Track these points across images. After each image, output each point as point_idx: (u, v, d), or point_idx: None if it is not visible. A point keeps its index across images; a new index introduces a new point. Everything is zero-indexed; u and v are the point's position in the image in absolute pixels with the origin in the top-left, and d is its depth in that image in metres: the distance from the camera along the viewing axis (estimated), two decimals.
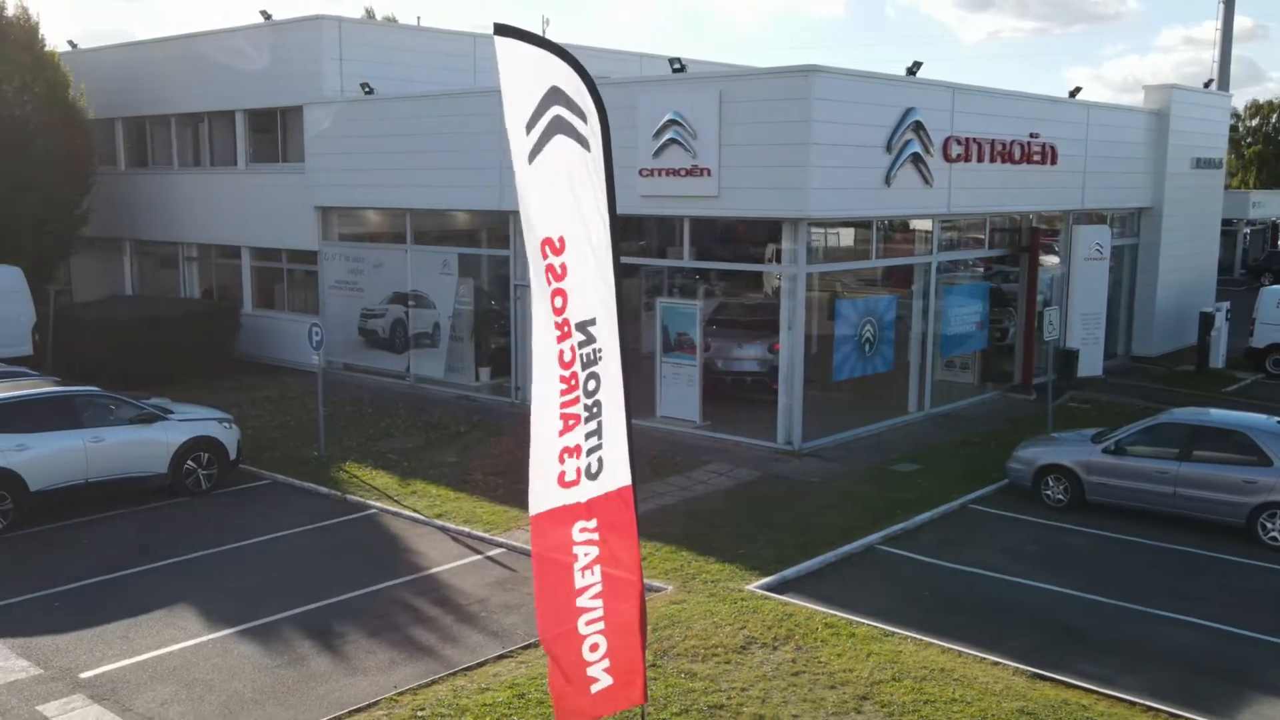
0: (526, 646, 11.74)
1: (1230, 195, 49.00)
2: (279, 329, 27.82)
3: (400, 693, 10.79)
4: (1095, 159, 25.88)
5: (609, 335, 7.76)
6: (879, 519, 15.83)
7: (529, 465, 8.17)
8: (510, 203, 19.86)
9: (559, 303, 7.61)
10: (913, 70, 20.36)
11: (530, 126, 7.35)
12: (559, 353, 7.63)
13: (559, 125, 7.33)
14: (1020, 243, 25.24)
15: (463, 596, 13.40)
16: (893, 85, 19.97)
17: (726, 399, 21.41)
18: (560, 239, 7.49)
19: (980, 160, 21.94)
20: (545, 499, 8.20)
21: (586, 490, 8.10)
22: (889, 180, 19.79)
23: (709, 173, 19.10)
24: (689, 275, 24.59)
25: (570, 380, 7.70)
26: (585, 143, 7.43)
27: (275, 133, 28.17)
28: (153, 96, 30.16)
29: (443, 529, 15.78)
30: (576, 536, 8.18)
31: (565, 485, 8.13)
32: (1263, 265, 51.62)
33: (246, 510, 16.74)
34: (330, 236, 26.89)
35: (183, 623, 12.58)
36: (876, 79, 19.72)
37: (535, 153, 7.40)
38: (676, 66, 19.87)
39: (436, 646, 12.01)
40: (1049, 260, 26.12)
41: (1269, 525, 14.99)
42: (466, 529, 15.64)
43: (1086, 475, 16.36)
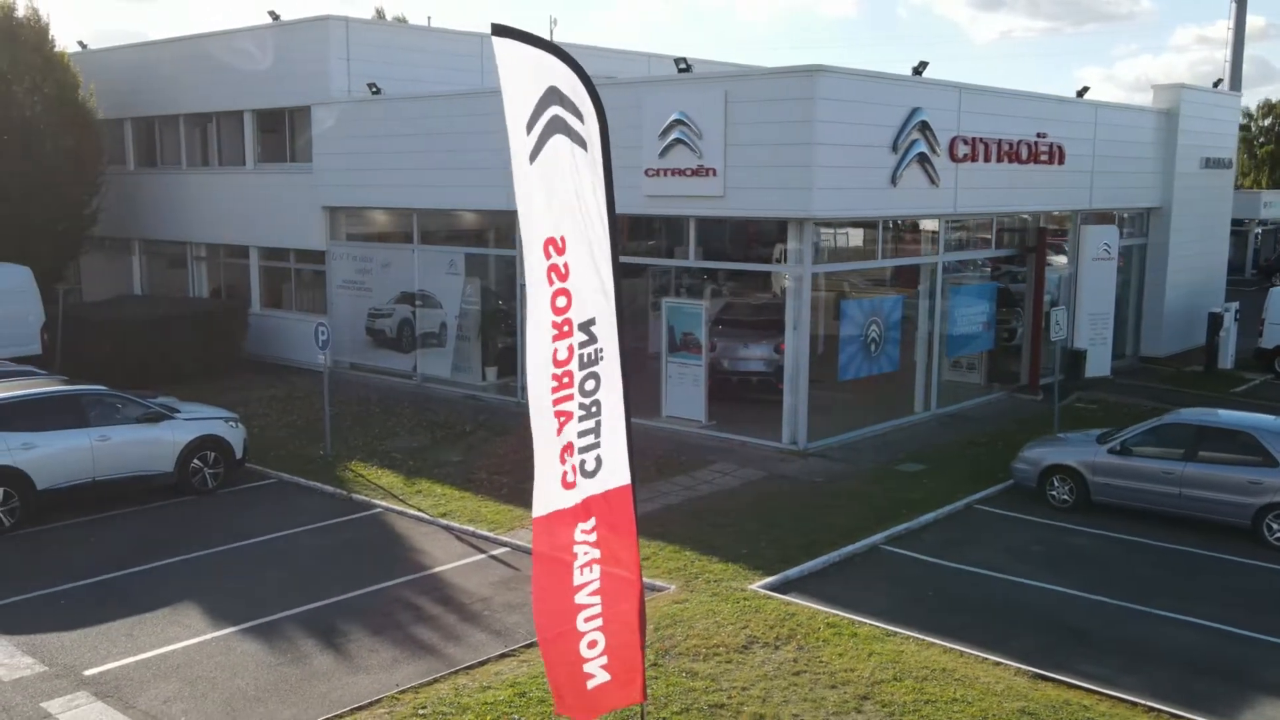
0: (529, 645, 11.76)
1: (1241, 195, 48.87)
2: (287, 329, 27.91)
3: (402, 691, 10.83)
4: (1103, 159, 25.81)
5: (609, 335, 7.78)
6: (883, 519, 15.82)
7: (535, 467, 8.22)
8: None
9: (562, 302, 7.63)
10: (919, 70, 20.35)
11: (530, 126, 7.38)
12: (553, 351, 7.65)
13: (557, 125, 7.36)
14: (1027, 243, 25.19)
15: (466, 595, 13.43)
16: (899, 85, 19.95)
17: (732, 399, 21.41)
18: (563, 239, 7.51)
19: (987, 160, 21.91)
20: (550, 501, 8.24)
21: (586, 489, 8.13)
22: (895, 180, 19.78)
23: (714, 173, 19.10)
24: (696, 275, 24.59)
25: (563, 379, 7.72)
26: (584, 143, 7.45)
27: (283, 133, 28.26)
28: (162, 97, 30.29)
29: (447, 528, 15.82)
30: (577, 536, 8.21)
31: (567, 486, 8.17)
32: (1274, 265, 51.44)
33: (252, 509, 16.80)
34: (338, 236, 26.97)
35: (187, 621, 12.64)
36: (882, 79, 19.71)
37: (536, 153, 7.42)
38: (682, 67, 19.89)
39: (439, 645, 12.04)
40: (1057, 260, 26.08)
41: (1274, 526, 14.94)
42: (471, 528, 15.68)
43: (1092, 476, 16.33)
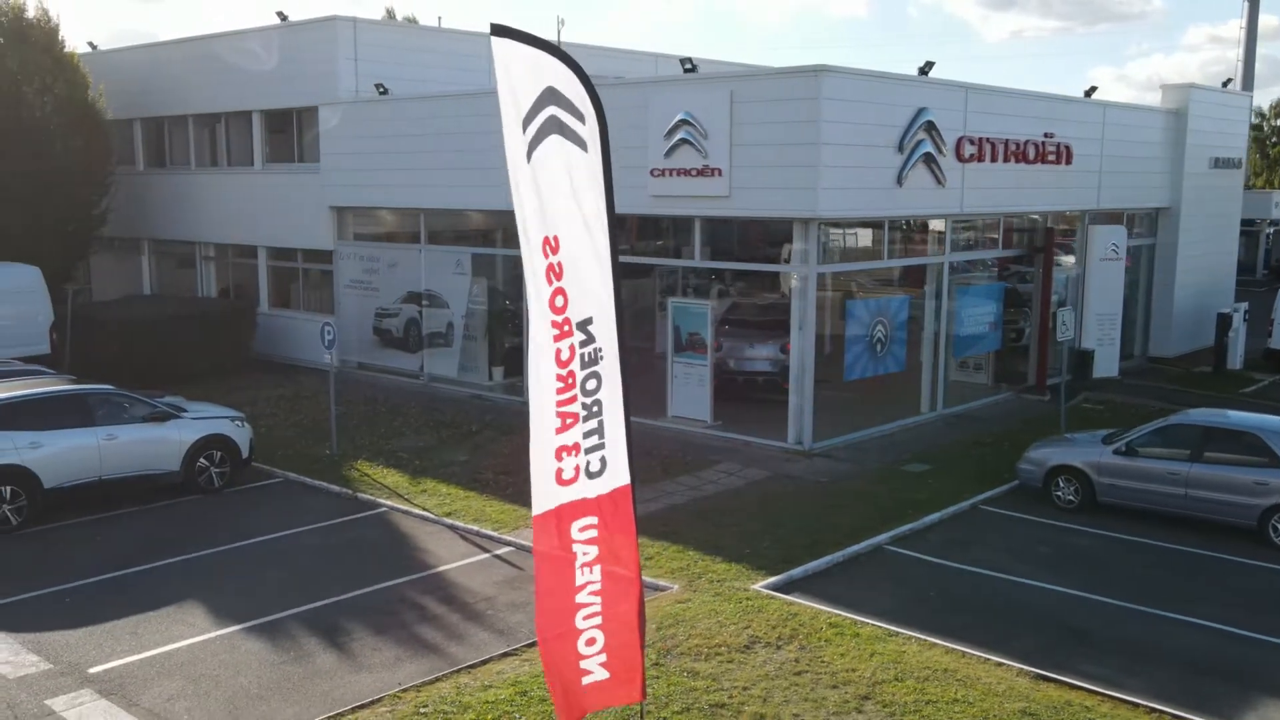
0: (531, 644, 11.76)
1: (1253, 195, 48.68)
2: (294, 328, 27.99)
3: (404, 689, 10.86)
4: (1111, 159, 25.74)
5: (609, 335, 7.78)
6: (888, 519, 15.80)
7: (530, 465, 8.23)
8: None
9: (559, 302, 7.64)
10: (925, 70, 20.32)
11: (526, 126, 7.39)
12: (555, 351, 7.67)
13: (554, 125, 7.37)
14: (1035, 243, 25.14)
15: (469, 595, 13.46)
16: (904, 85, 19.93)
17: (738, 399, 21.41)
18: (557, 238, 7.53)
19: (994, 160, 21.86)
20: (546, 498, 8.25)
21: (587, 489, 8.13)
22: (901, 180, 19.75)
23: (720, 173, 19.10)
24: (704, 275, 24.60)
25: (567, 379, 7.73)
26: (583, 144, 7.45)
27: (291, 133, 28.35)
28: (171, 97, 30.40)
29: (452, 527, 15.86)
30: (576, 535, 8.22)
31: (563, 483, 8.16)
32: None
33: (258, 508, 16.85)
34: (345, 236, 27.04)
35: (191, 619, 12.69)
36: (888, 79, 19.68)
37: (531, 152, 7.44)
38: (687, 67, 19.90)
39: (442, 644, 12.07)
40: (1066, 260, 26.02)
41: None
42: (475, 527, 15.71)
43: (1097, 476, 16.29)
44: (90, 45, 32.69)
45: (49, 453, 15.73)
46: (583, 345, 7.67)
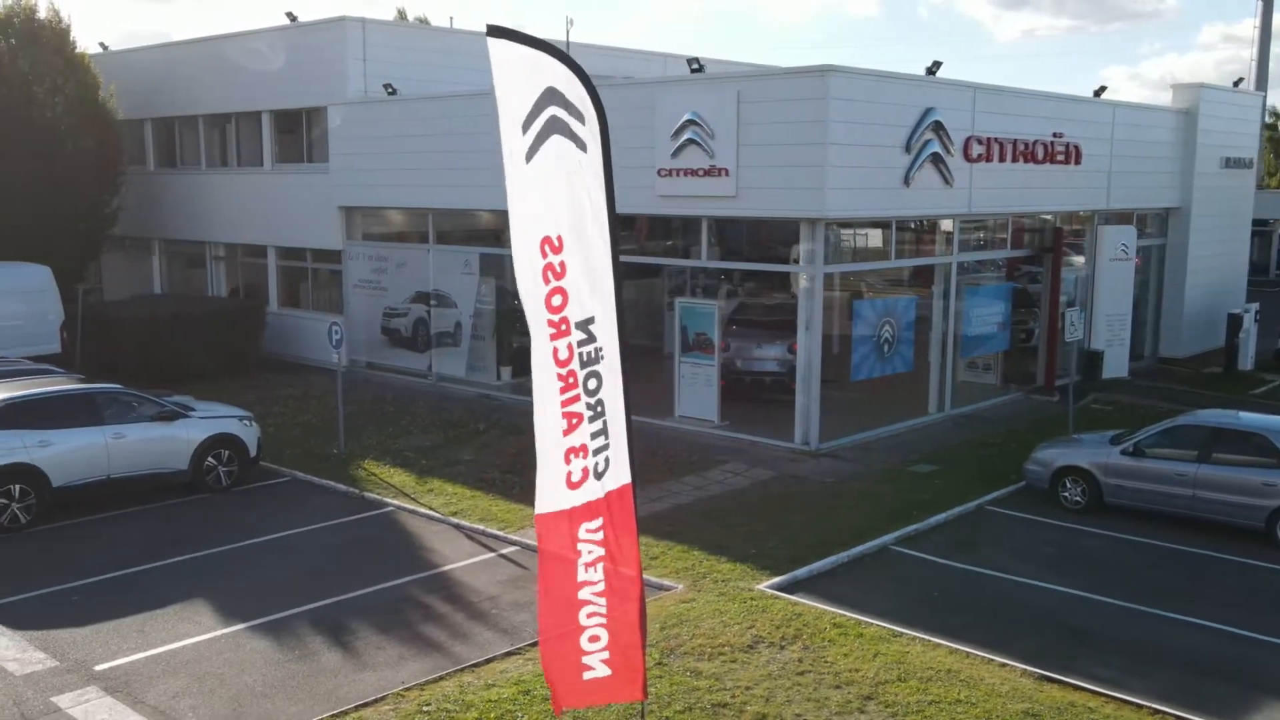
0: (535, 644, 11.73)
1: (1265, 195, 48.43)
2: (304, 328, 28.07)
3: (407, 688, 10.89)
4: (1121, 159, 25.66)
5: (609, 335, 7.81)
6: (893, 520, 15.79)
7: (536, 465, 8.26)
8: None
9: (557, 301, 7.67)
10: (932, 70, 20.28)
11: (526, 126, 7.41)
12: (554, 350, 7.69)
13: (555, 126, 7.39)
14: (1044, 243, 25.07)
15: (474, 594, 13.49)
16: (912, 85, 19.90)
17: (746, 399, 21.40)
18: (559, 238, 7.55)
19: (1002, 160, 21.82)
20: (552, 500, 8.27)
21: (593, 490, 8.15)
22: (908, 180, 19.72)
23: (727, 173, 19.10)
24: (713, 275, 24.60)
25: (568, 378, 7.76)
26: (583, 144, 7.48)
27: (300, 133, 28.44)
28: (181, 97, 30.53)
29: (458, 527, 15.89)
30: (582, 535, 8.24)
31: (572, 486, 8.18)
32: None
33: (265, 507, 16.92)
34: (354, 236, 27.12)
35: (197, 617, 12.75)
36: (895, 79, 19.66)
37: (532, 153, 7.46)
38: (695, 67, 19.90)
39: (446, 643, 12.10)
40: (1076, 261, 25.95)
41: None
42: (481, 527, 15.75)
43: (1104, 477, 16.24)
44: (101, 46, 32.86)
45: (58, 451, 15.81)
46: (582, 345, 7.70)
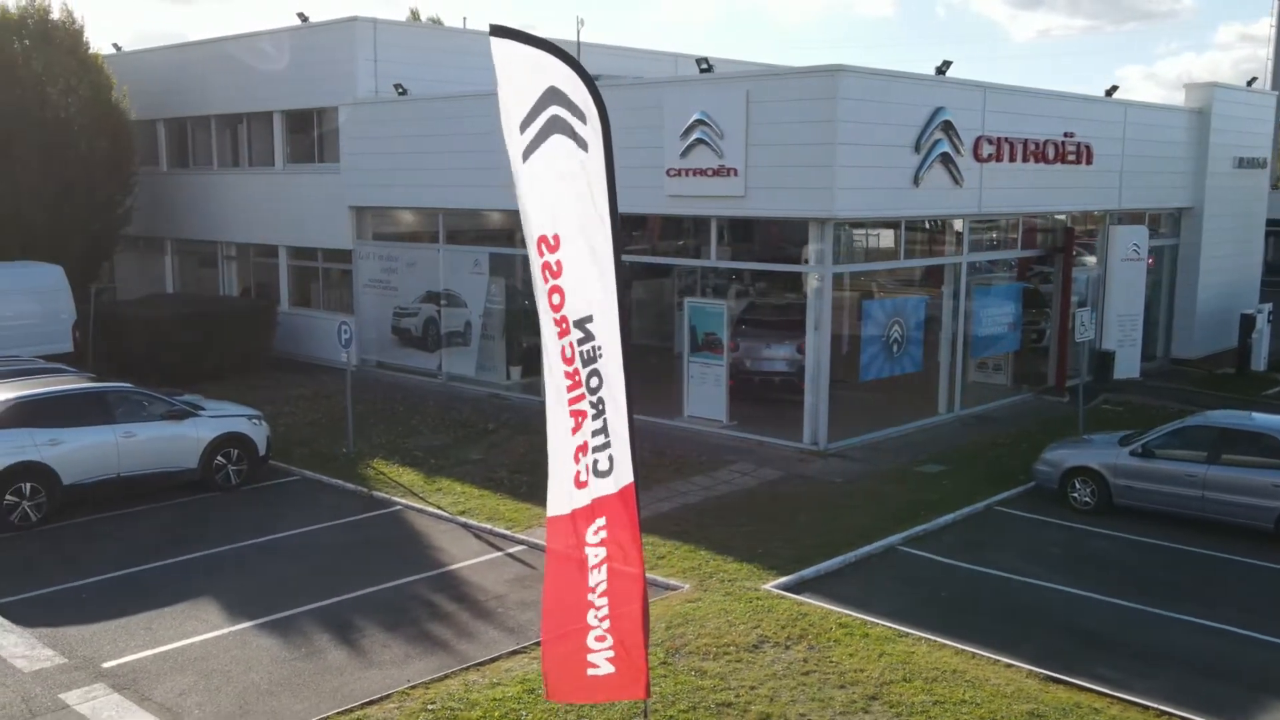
0: (540, 643, 11.80)
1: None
2: (315, 327, 28.15)
3: (413, 686, 10.91)
4: (1133, 158, 25.56)
5: (609, 333, 7.81)
6: (901, 520, 15.76)
7: (549, 466, 8.29)
8: None
9: (556, 299, 7.70)
10: (942, 70, 20.23)
11: (525, 125, 7.44)
12: (560, 349, 7.72)
13: (556, 125, 7.41)
14: (1055, 243, 24.99)
15: (481, 593, 13.51)
16: (922, 85, 19.85)
17: (755, 399, 21.39)
18: (555, 236, 7.57)
19: (1013, 160, 21.75)
20: (563, 501, 8.29)
21: (598, 489, 8.17)
22: (917, 180, 19.68)
23: (736, 173, 19.09)
24: (724, 275, 24.59)
25: (574, 376, 7.78)
26: (584, 143, 7.49)
27: (311, 133, 28.54)
28: (193, 98, 30.65)
29: (465, 526, 15.93)
30: (590, 538, 8.25)
31: (580, 485, 8.21)
32: None
33: (274, 506, 16.98)
34: (364, 236, 27.19)
35: (205, 615, 12.80)
36: (905, 78, 19.62)
37: (530, 151, 7.49)
38: (703, 67, 19.90)
39: (452, 641, 12.13)
40: (1089, 261, 25.86)
41: None
42: (488, 526, 15.77)
43: (1113, 478, 16.18)
44: (115, 46, 33.00)
45: (68, 450, 15.89)
46: (581, 343, 7.72)
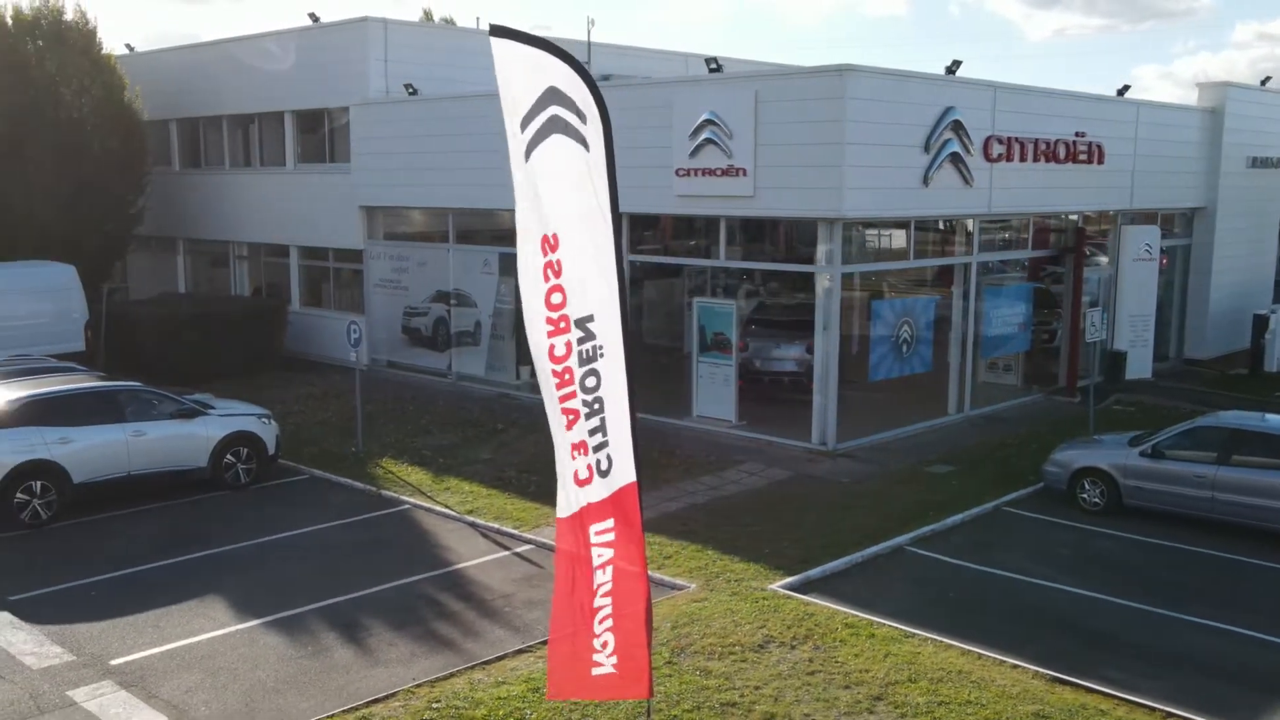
0: (546, 642, 11.81)
1: None
2: (325, 326, 28.23)
3: (418, 685, 10.94)
4: (1145, 158, 25.44)
5: (611, 333, 7.81)
6: (909, 520, 15.73)
7: (556, 468, 8.33)
8: None
9: (557, 299, 7.69)
10: (952, 69, 20.18)
11: (525, 125, 7.45)
12: (550, 347, 7.72)
13: (556, 125, 7.42)
14: (1066, 243, 24.90)
15: (488, 592, 13.54)
16: (931, 84, 19.81)
17: (764, 399, 21.36)
18: (556, 236, 7.57)
19: (1023, 160, 21.68)
20: (569, 501, 8.31)
21: (600, 488, 8.18)
22: (927, 180, 19.63)
23: (745, 172, 19.08)
24: (734, 275, 24.57)
25: (563, 374, 7.78)
26: (585, 142, 7.50)
27: (322, 133, 28.63)
28: (205, 98, 30.77)
29: (473, 525, 15.95)
30: (595, 538, 8.27)
31: (580, 484, 8.22)
32: None
33: (282, 504, 17.03)
34: (375, 235, 27.26)
35: (213, 613, 12.86)
36: (914, 78, 19.58)
37: (530, 151, 7.50)
38: (712, 67, 19.89)
39: (458, 640, 12.15)
40: (1100, 261, 25.76)
41: None
42: (496, 525, 15.79)
43: (1123, 479, 16.12)
44: (128, 47, 33.12)
45: (78, 448, 15.98)
46: (581, 342, 7.71)
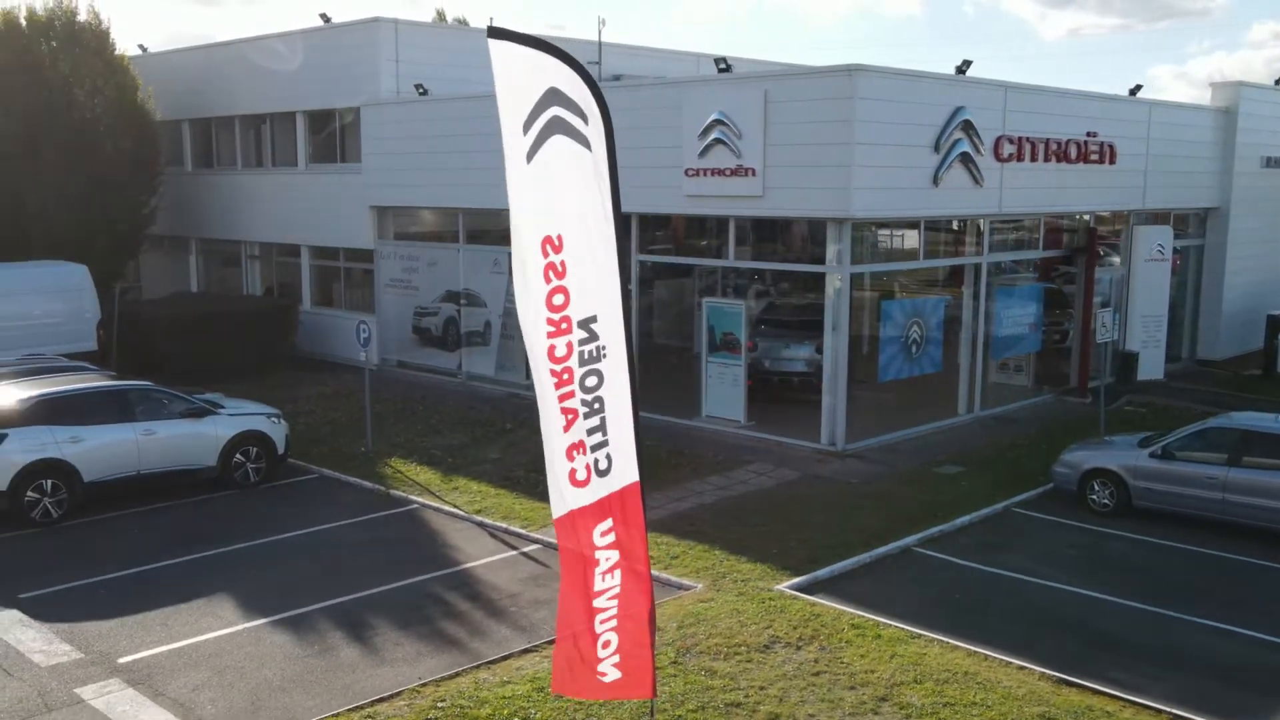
0: (552, 641, 11.81)
1: None
2: (336, 326, 28.30)
3: (423, 684, 10.96)
4: (1157, 158, 25.33)
5: (614, 333, 7.81)
6: (917, 521, 15.69)
7: (546, 467, 8.31)
8: None
9: (559, 300, 7.69)
10: (962, 69, 20.12)
11: (527, 126, 7.47)
12: (550, 348, 7.71)
13: (557, 126, 7.43)
14: (1077, 243, 24.80)
15: (495, 591, 13.55)
16: (941, 84, 19.75)
17: (774, 399, 21.34)
18: (559, 237, 7.58)
19: (1034, 160, 21.60)
20: (563, 500, 8.31)
21: (599, 488, 8.17)
22: (937, 180, 19.58)
23: (754, 172, 19.06)
24: (745, 275, 24.54)
25: (562, 374, 7.78)
26: (587, 143, 7.51)
27: (334, 133, 28.71)
28: (218, 99, 30.91)
29: (481, 525, 15.98)
30: (598, 540, 8.26)
31: (578, 484, 8.21)
32: None
33: (291, 503, 17.09)
34: (386, 235, 27.32)
35: (221, 611, 12.91)
36: (924, 78, 19.52)
37: (533, 152, 7.51)
38: (722, 67, 19.87)
39: (464, 640, 12.17)
40: (1113, 261, 25.65)
41: None
42: (504, 525, 15.82)
43: (1133, 480, 16.05)
44: (140, 48, 33.29)
45: (89, 447, 16.06)
46: (583, 343, 7.71)
